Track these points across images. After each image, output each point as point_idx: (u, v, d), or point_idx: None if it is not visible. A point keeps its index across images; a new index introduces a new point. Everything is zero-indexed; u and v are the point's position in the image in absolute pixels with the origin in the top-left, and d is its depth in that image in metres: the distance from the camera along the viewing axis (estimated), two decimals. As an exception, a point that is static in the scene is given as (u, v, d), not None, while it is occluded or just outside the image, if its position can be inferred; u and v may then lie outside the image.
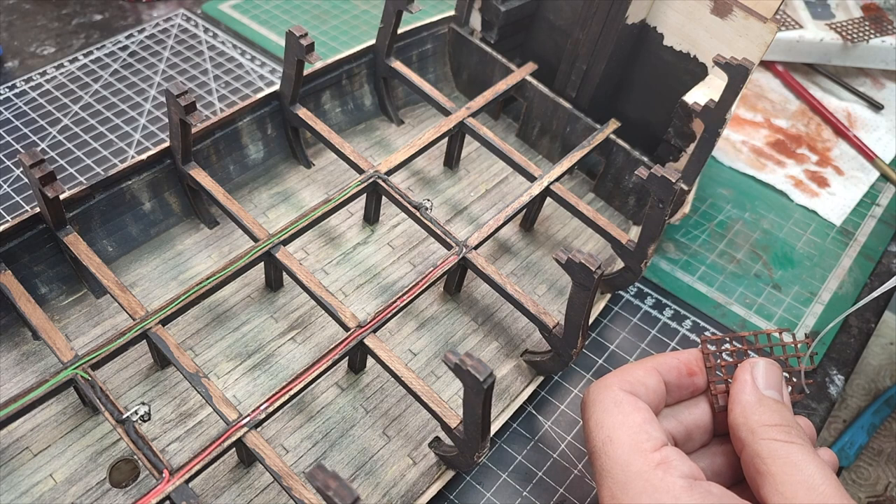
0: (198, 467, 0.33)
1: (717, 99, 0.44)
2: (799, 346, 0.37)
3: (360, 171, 0.47)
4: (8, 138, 0.56)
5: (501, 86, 0.54)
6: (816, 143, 0.67)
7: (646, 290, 0.53)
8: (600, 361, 0.48)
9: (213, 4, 0.72)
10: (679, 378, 0.37)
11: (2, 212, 0.51)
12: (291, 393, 0.37)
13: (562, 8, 0.54)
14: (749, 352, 0.37)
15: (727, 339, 0.38)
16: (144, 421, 0.36)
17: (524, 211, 0.49)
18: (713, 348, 0.37)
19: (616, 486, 0.32)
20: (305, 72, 0.50)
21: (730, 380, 0.36)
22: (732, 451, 0.37)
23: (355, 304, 0.47)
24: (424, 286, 0.42)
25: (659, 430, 0.34)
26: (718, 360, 0.37)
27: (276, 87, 0.50)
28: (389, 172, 0.48)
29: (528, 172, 0.49)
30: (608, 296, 0.49)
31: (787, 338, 0.37)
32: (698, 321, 0.51)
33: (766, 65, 0.73)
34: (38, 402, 0.35)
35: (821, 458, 0.32)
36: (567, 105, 0.55)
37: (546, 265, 0.51)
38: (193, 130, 0.46)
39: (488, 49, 0.57)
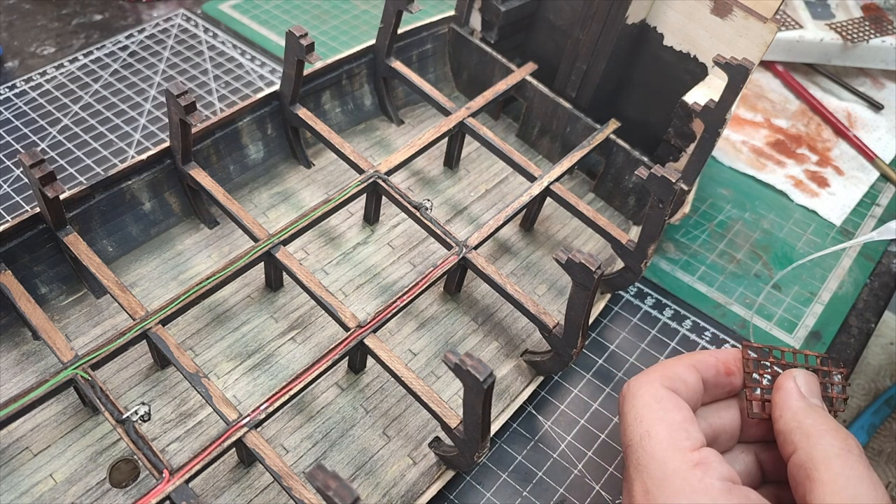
0: (198, 467, 0.33)
1: (717, 99, 0.44)
2: (834, 374, 0.37)
3: (360, 171, 0.47)
4: (8, 138, 0.56)
5: (501, 86, 0.54)
6: (816, 143, 0.67)
7: (646, 290, 0.53)
8: (600, 361, 0.48)
9: (213, 4, 0.72)
10: (717, 377, 0.37)
11: (2, 212, 0.51)
12: (291, 393, 0.37)
13: (562, 8, 0.54)
14: (786, 366, 0.37)
15: (767, 349, 0.38)
16: (144, 421, 0.36)
17: (524, 211, 0.49)
18: (754, 355, 0.37)
19: (652, 483, 0.32)
20: (305, 72, 0.50)
21: (764, 387, 0.36)
22: (752, 459, 0.37)
23: (355, 304, 0.47)
24: (424, 286, 0.42)
25: (698, 430, 0.34)
26: (757, 370, 0.37)
27: (276, 87, 0.50)
28: (389, 172, 0.48)
29: (528, 172, 0.49)
30: (608, 296, 0.49)
31: (824, 364, 0.38)
32: (698, 321, 0.51)
33: (766, 65, 0.73)
34: (38, 402, 0.35)
35: (874, 475, 0.31)
36: (567, 105, 0.55)
37: (546, 265, 0.51)
38: (193, 130, 0.46)
39: (488, 49, 0.57)
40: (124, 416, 0.34)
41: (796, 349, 0.38)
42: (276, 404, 0.36)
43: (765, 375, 0.37)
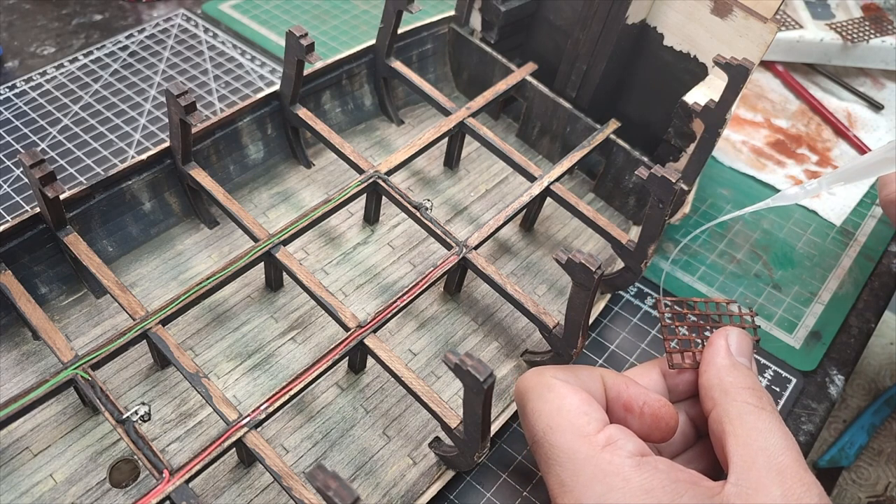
0: (198, 467, 0.33)
1: (717, 99, 0.44)
2: (745, 317, 0.38)
3: (360, 171, 0.47)
4: (8, 138, 0.56)
5: (501, 86, 0.54)
6: (816, 143, 0.67)
7: (646, 290, 0.53)
8: (600, 361, 0.48)
9: (213, 4, 0.72)
10: (617, 399, 0.36)
11: (2, 212, 0.51)
12: (291, 393, 0.37)
13: (562, 8, 0.54)
14: (700, 318, 0.38)
15: (682, 301, 0.39)
16: (144, 421, 0.36)
17: (524, 211, 0.49)
18: (668, 309, 0.38)
19: (565, 474, 0.32)
20: (305, 72, 0.50)
21: (682, 338, 0.37)
22: (684, 419, 0.38)
23: (355, 304, 0.47)
24: (424, 286, 0.42)
25: (598, 409, 0.34)
26: (675, 321, 0.38)
27: (276, 87, 0.50)
28: (389, 172, 0.48)
29: (528, 172, 0.49)
30: (608, 296, 0.49)
31: (734, 308, 0.39)
32: (698, 321, 0.51)
33: (766, 65, 0.73)
34: (38, 402, 0.35)
35: (785, 428, 0.32)
36: (567, 105, 0.55)
37: (546, 265, 0.51)
38: (193, 130, 0.46)
39: (488, 49, 0.57)
40: (124, 416, 0.34)
41: (707, 299, 0.40)
42: (276, 404, 0.36)
43: (681, 327, 0.37)
